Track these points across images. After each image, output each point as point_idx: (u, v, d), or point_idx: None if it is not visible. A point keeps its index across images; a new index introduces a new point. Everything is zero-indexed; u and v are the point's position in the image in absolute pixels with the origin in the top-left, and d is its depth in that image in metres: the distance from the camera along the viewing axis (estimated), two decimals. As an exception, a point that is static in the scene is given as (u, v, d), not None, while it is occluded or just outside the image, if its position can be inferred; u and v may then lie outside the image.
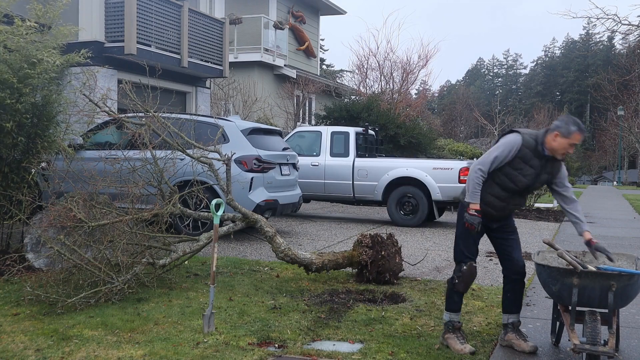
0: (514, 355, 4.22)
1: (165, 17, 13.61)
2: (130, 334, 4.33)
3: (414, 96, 28.45)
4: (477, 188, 4.17)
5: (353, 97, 22.79)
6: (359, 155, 12.11)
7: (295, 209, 10.06)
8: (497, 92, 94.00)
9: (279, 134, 10.22)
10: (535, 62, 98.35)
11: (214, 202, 4.86)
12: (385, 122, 17.00)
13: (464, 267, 4.28)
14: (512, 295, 4.40)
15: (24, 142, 6.62)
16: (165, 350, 4.02)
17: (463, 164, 11.47)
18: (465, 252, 4.31)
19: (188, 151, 6.55)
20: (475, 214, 4.15)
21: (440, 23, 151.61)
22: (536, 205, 17.20)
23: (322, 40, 46.84)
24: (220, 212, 4.75)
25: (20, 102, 6.25)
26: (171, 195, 6.23)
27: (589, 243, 4.27)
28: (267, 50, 20.37)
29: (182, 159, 6.91)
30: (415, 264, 7.19)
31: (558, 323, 4.41)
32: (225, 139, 8.57)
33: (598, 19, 17.63)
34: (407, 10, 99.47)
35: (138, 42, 12.69)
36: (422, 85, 29.02)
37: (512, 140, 4.17)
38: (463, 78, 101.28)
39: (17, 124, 6.36)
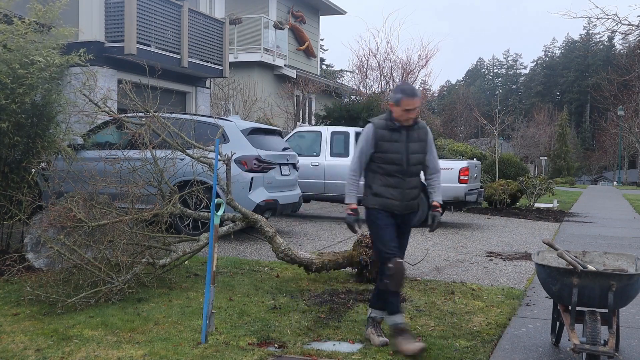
0: (514, 355, 4.22)
1: (165, 17, 13.61)
2: (130, 334, 4.33)
3: (414, 96, 28.36)
4: (351, 188, 4.38)
5: (353, 97, 22.79)
6: (359, 155, 12.09)
7: (295, 209, 10.06)
8: (497, 92, 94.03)
9: (279, 134, 10.22)
10: (535, 62, 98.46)
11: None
12: (385, 122, 16.97)
13: (390, 266, 4.21)
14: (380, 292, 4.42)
15: (24, 142, 6.62)
16: (165, 350, 4.02)
17: (463, 164, 11.47)
18: (385, 250, 4.28)
19: (188, 151, 6.55)
20: (352, 212, 4.36)
21: (444, 22, 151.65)
22: (536, 205, 17.21)
23: (322, 40, 46.84)
24: (220, 212, 4.75)
25: (15, 102, 6.24)
26: (171, 195, 6.23)
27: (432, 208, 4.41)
28: (267, 50, 20.37)
29: (182, 159, 6.91)
30: (415, 264, 7.19)
31: (558, 323, 4.41)
32: (225, 139, 8.57)
33: (598, 19, 17.63)
34: (407, 10, 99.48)
35: (138, 42, 12.69)
36: (422, 85, 28.98)
37: (365, 131, 4.38)
38: (463, 78, 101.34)
39: (13, 124, 6.36)
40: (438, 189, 4.68)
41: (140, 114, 6.80)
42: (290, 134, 13.04)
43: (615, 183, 50.59)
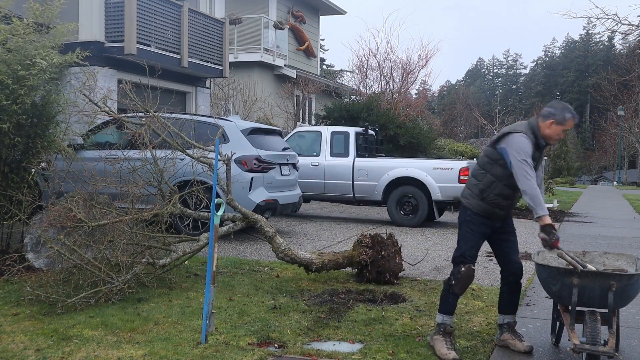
0: (514, 356, 4.21)
1: (165, 17, 13.61)
2: (130, 334, 4.33)
3: (414, 96, 28.44)
4: (539, 195, 4.01)
5: (353, 97, 22.79)
6: (359, 155, 12.12)
7: (295, 209, 10.06)
8: (497, 92, 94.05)
9: (279, 134, 10.22)
10: (535, 62, 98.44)
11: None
12: (385, 122, 17.00)
13: (462, 269, 4.25)
14: (508, 297, 4.39)
15: (24, 142, 6.62)
16: (165, 350, 4.02)
17: (463, 164, 11.47)
18: (466, 255, 4.28)
19: (188, 151, 6.55)
20: (553, 228, 3.98)
21: (444, 22, 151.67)
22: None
23: (322, 40, 46.85)
24: (220, 212, 4.75)
25: (16, 103, 6.24)
26: (171, 195, 6.23)
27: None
28: (267, 50, 20.37)
29: (182, 159, 6.91)
30: (415, 264, 7.19)
31: (558, 323, 4.41)
32: (225, 139, 8.57)
33: (598, 19, 17.64)
34: (407, 10, 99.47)
35: (138, 42, 12.68)
36: (422, 85, 29.03)
37: (524, 140, 4.09)
38: (463, 78, 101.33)
39: (14, 125, 6.36)
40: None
41: (140, 114, 6.80)
42: (290, 134, 13.04)
43: (615, 183, 50.58)
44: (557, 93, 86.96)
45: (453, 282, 4.27)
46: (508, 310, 4.39)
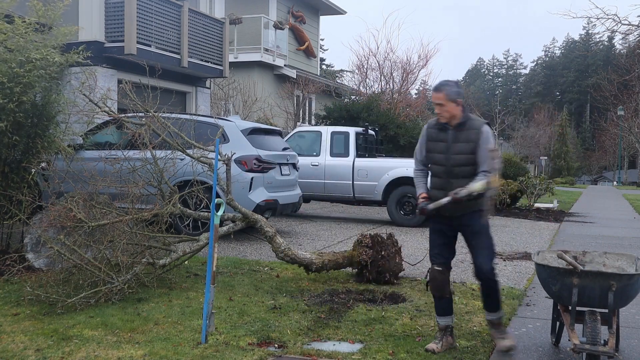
0: (514, 356, 4.21)
1: (165, 17, 13.61)
2: (130, 334, 4.33)
3: (414, 96, 28.42)
4: (417, 181, 4.47)
5: (353, 97, 22.79)
6: (359, 155, 12.11)
7: (295, 209, 10.06)
8: (497, 92, 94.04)
9: (279, 134, 10.22)
10: (535, 62, 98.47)
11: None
12: (385, 122, 16.99)
13: (429, 271, 4.38)
14: (482, 296, 4.38)
15: (24, 142, 6.62)
16: (165, 350, 4.02)
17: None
18: (431, 256, 4.39)
19: (188, 151, 6.55)
20: (423, 199, 4.30)
21: (444, 22, 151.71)
22: (536, 205, 17.20)
23: (322, 40, 46.83)
24: (220, 212, 4.75)
25: (13, 101, 6.24)
26: (171, 195, 6.23)
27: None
28: (267, 50, 20.37)
29: (182, 159, 6.91)
30: (415, 264, 7.18)
31: (558, 323, 4.41)
32: (225, 139, 8.57)
33: (598, 19, 17.61)
34: (407, 10, 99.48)
35: (138, 42, 12.68)
36: (422, 85, 28.99)
37: (421, 131, 4.43)
38: (463, 78, 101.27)
39: (12, 124, 6.35)
40: (469, 186, 4.08)
41: (140, 114, 6.80)
42: (290, 134, 13.04)
43: (615, 183, 50.59)
44: (557, 93, 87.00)
45: (428, 285, 4.40)
46: (486, 307, 4.37)
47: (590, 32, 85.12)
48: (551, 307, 4.63)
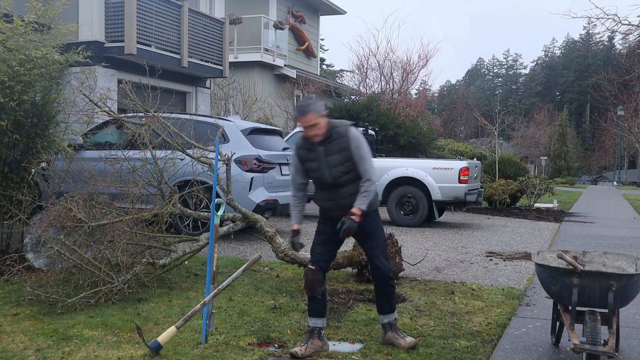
0: (514, 356, 4.22)
1: (165, 17, 13.61)
2: (130, 334, 4.33)
3: (414, 96, 28.42)
4: (293, 210, 4.59)
5: (353, 97, 22.78)
6: (359, 155, 12.08)
7: (295, 209, 10.03)
8: (497, 92, 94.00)
9: (279, 134, 10.22)
10: (535, 62, 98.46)
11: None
12: (385, 122, 16.99)
13: (305, 269, 4.33)
14: (380, 297, 4.34)
15: (24, 141, 6.61)
16: (165, 350, 4.01)
17: (463, 164, 11.47)
18: (311, 254, 4.35)
19: (188, 151, 6.55)
20: (294, 232, 4.47)
21: (444, 22, 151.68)
22: (536, 205, 17.21)
23: (322, 40, 46.82)
24: (220, 212, 4.75)
25: (13, 100, 6.24)
26: (171, 195, 6.23)
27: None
28: (267, 50, 20.37)
29: (182, 159, 6.91)
30: (415, 264, 7.19)
31: (558, 323, 4.41)
32: (225, 139, 8.57)
33: (598, 19, 17.58)
34: (407, 10, 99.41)
35: (138, 42, 12.68)
36: (422, 85, 29.01)
37: (292, 158, 4.40)
38: (463, 78, 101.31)
39: (12, 122, 6.35)
40: (364, 195, 4.12)
41: (140, 114, 6.79)
42: (290, 134, 13.04)
43: (615, 183, 50.61)
44: (557, 93, 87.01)
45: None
46: (384, 310, 4.33)
47: (590, 32, 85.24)
48: (551, 307, 4.63)
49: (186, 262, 6.61)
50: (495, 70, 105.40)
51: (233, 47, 19.18)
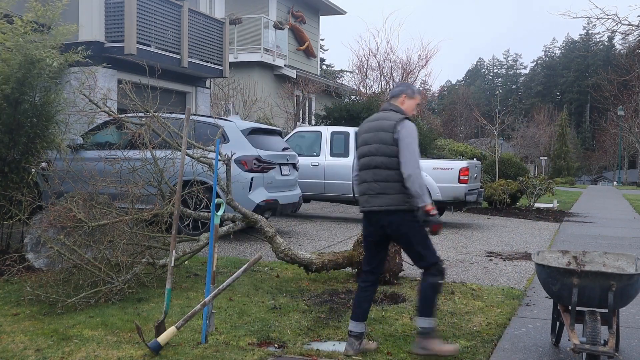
0: (514, 356, 4.21)
1: (165, 17, 13.61)
2: (130, 334, 4.33)
3: (414, 96, 28.34)
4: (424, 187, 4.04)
5: (353, 97, 22.79)
6: (359, 155, 12.10)
7: (295, 209, 10.05)
8: (497, 92, 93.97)
9: (279, 134, 10.22)
10: (535, 62, 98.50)
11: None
12: (385, 122, 16.97)
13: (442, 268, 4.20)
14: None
15: (23, 142, 6.61)
16: (165, 350, 4.01)
17: (463, 164, 11.47)
18: (436, 253, 4.24)
19: (188, 151, 6.54)
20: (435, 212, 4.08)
21: (442, 20, 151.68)
22: (536, 205, 17.20)
23: (322, 40, 46.84)
24: (220, 212, 4.75)
25: (18, 102, 6.24)
26: (171, 195, 6.22)
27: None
28: (267, 50, 20.36)
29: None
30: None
31: (558, 323, 4.41)
32: (225, 139, 8.57)
33: (598, 19, 17.61)
34: (407, 10, 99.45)
35: (138, 42, 12.68)
36: (422, 85, 29.01)
37: (414, 128, 4.08)
38: (463, 78, 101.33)
39: (15, 124, 6.35)
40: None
41: (140, 114, 6.79)
42: (290, 134, 13.05)
43: (615, 183, 50.60)
44: (557, 93, 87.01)
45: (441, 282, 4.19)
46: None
47: (590, 32, 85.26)
48: (551, 307, 4.63)
49: (186, 262, 6.61)
50: (495, 70, 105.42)
51: (233, 47, 19.18)
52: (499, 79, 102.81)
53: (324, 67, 49.73)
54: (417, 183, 3.96)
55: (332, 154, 12.16)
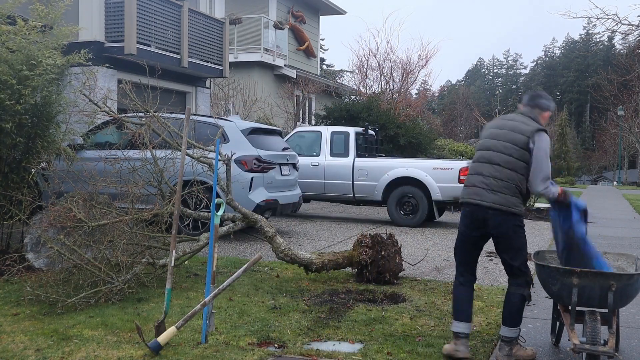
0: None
1: (165, 17, 13.61)
2: (130, 334, 4.33)
3: (414, 96, 28.44)
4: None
5: (353, 97, 22.79)
6: (359, 155, 12.12)
7: (295, 209, 10.06)
8: (497, 92, 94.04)
9: (279, 134, 10.22)
10: (535, 62, 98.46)
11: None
12: (385, 122, 17.00)
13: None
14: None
15: (24, 142, 6.61)
16: (165, 350, 4.02)
17: (463, 164, 11.47)
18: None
19: (188, 151, 6.55)
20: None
21: (442, 20, 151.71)
22: (536, 205, 17.19)
23: (322, 40, 46.83)
24: (220, 212, 4.75)
25: (20, 103, 6.24)
26: (171, 195, 6.23)
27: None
28: (267, 50, 20.37)
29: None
30: (415, 264, 7.19)
31: (558, 323, 4.42)
32: (225, 139, 8.57)
33: (598, 19, 17.63)
34: (407, 10, 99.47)
35: (138, 42, 12.68)
36: (422, 85, 29.04)
37: (548, 139, 4.09)
38: (463, 78, 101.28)
39: (16, 125, 6.36)
40: None
41: (140, 114, 6.80)
42: (290, 134, 13.04)
43: (615, 183, 50.60)
44: (557, 93, 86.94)
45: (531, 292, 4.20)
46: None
47: (590, 32, 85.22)
48: (551, 307, 4.63)
49: (186, 262, 6.61)
50: (495, 70, 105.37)
51: (233, 47, 19.19)
52: (499, 79, 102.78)
53: (324, 67, 49.75)
54: (551, 193, 4.07)
55: (332, 154, 12.16)
